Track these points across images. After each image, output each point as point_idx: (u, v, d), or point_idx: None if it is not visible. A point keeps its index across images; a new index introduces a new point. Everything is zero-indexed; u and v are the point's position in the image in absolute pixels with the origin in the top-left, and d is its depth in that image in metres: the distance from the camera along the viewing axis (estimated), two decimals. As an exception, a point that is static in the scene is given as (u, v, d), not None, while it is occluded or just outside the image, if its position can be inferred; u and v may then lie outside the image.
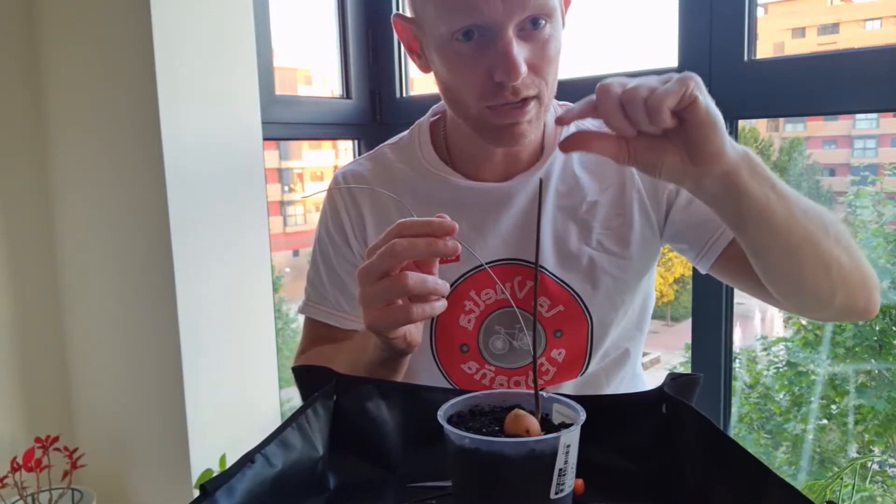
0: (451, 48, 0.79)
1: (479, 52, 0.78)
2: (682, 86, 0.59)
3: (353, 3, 1.88)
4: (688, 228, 0.91)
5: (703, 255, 0.91)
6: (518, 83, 0.77)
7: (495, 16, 0.75)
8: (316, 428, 0.68)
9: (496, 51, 0.77)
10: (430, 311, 0.70)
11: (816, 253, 0.72)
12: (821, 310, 0.82)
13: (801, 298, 0.79)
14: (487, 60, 0.78)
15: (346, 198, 0.99)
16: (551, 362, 0.94)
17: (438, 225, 0.68)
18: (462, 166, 0.95)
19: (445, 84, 0.84)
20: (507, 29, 0.76)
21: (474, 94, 0.81)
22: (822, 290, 0.76)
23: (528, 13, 0.76)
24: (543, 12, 0.77)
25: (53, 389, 1.69)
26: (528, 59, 0.78)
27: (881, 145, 2.27)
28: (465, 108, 0.84)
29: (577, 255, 0.92)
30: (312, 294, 1.01)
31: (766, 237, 0.69)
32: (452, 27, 0.78)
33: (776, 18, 2.16)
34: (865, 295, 0.81)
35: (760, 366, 2.51)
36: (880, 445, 2.18)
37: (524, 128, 0.82)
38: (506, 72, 0.76)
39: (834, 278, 0.75)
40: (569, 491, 0.57)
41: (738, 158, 0.64)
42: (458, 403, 0.63)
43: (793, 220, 0.69)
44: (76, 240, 1.62)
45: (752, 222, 0.68)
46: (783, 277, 0.76)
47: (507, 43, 0.76)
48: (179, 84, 1.42)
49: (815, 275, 0.74)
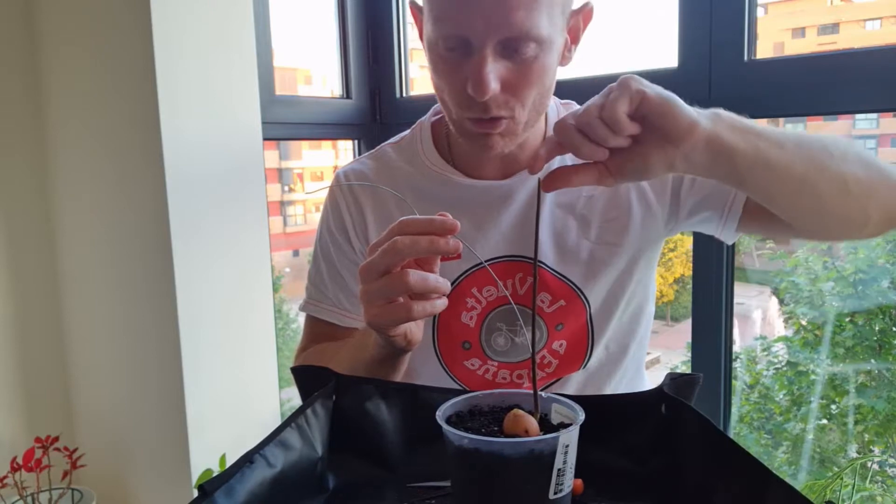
0: (437, 52, 0.81)
1: (458, 62, 0.79)
2: (625, 89, 0.61)
3: (353, 3, 1.88)
4: (703, 201, 0.91)
5: (726, 219, 0.90)
6: (487, 100, 0.78)
7: (475, 31, 0.76)
8: (315, 428, 0.68)
9: (471, 65, 0.77)
10: (430, 309, 0.71)
11: (826, 177, 0.72)
12: (861, 228, 0.81)
13: (834, 226, 0.79)
14: (464, 72, 0.78)
15: (348, 196, 0.99)
16: (553, 354, 0.95)
17: (440, 223, 0.68)
18: (463, 165, 0.95)
19: (434, 83, 0.86)
20: (485, 46, 0.76)
21: (454, 101, 0.82)
22: (849, 209, 0.76)
23: (510, 34, 0.76)
24: (528, 37, 0.76)
25: (53, 389, 1.69)
26: (505, 78, 0.78)
27: (881, 145, 2.27)
28: (448, 110, 0.85)
29: (576, 250, 0.93)
30: (313, 292, 1.01)
31: (769, 182, 0.70)
32: (438, 32, 0.79)
33: (776, 18, 2.16)
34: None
35: (760, 366, 2.51)
36: (880, 445, 2.18)
37: (495, 140, 0.83)
38: (474, 88, 0.77)
39: (856, 194, 0.75)
40: (568, 491, 0.57)
41: (712, 121, 0.66)
42: (457, 403, 0.63)
43: (788, 155, 0.69)
44: (76, 240, 1.62)
45: (751, 174, 0.69)
46: (806, 213, 0.76)
47: (480, 59, 0.76)
48: (179, 84, 1.42)
49: (834, 198, 0.74)
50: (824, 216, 0.76)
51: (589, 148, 0.63)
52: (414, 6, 0.88)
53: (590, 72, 1.55)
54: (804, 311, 2.38)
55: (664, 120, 0.63)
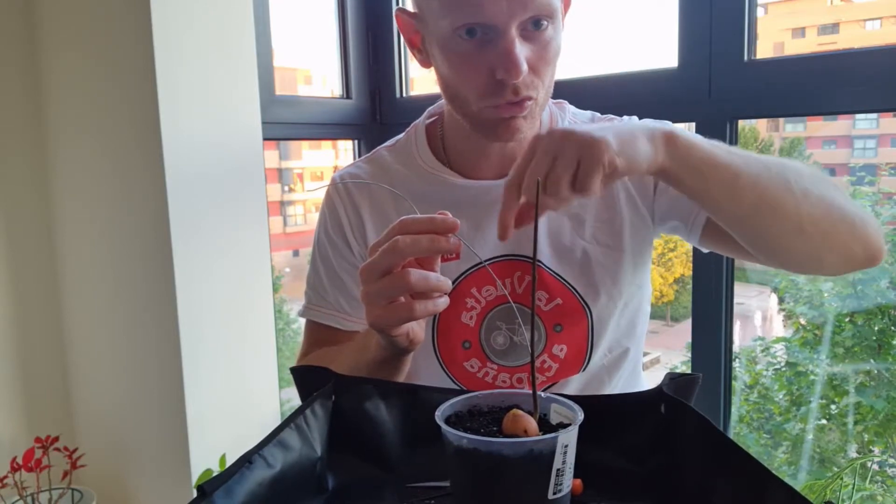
0: (454, 45, 0.80)
1: (481, 50, 0.79)
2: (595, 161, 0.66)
3: (353, 3, 1.88)
4: (673, 207, 0.92)
5: (690, 229, 0.91)
6: (519, 82, 0.78)
7: (499, 15, 0.76)
8: (314, 428, 0.68)
9: (498, 49, 0.77)
10: (432, 308, 0.71)
11: (780, 214, 0.74)
12: (815, 269, 0.83)
13: (789, 262, 0.81)
14: (489, 58, 0.78)
15: (345, 199, 0.99)
16: (553, 359, 0.94)
17: (441, 222, 0.68)
18: (459, 166, 0.96)
19: (446, 80, 0.85)
20: (510, 28, 0.77)
21: (475, 91, 0.82)
22: (802, 248, 0.77)
23: (531, 13, 0.77)
24: (546, 13, 0.78)
25: (53, 389, 1.69)
26: (528, 58, 0.79)
27: (881, 145, 2.27)
28: (464, 104, 0.85)
29: (571, 249, 0.93)
30: (313, 297, 1.01)
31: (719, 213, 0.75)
32: (455, 23, 0.78)
33: (776, 18, 2.16)
34: (861, 243, 0.79)
35: (760, 366, 2.51)
36: (880, 445, 2.18)
37: (520, 123, 0.83)
38: (507, 70, 0.77)
39: (811, 234, 0.75)
40: (567, 491, 0.57)
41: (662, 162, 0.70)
42: (457, 404, 0.63)
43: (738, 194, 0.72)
44: (76, 240, 1.62)
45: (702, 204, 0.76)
46: (756, 242, 0.78)
47: (509, 42, 0.77)
48: (179, 84, 1.42)
49: (786, 234, 0.75)
50: (776, 248, 0.78)
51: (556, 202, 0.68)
52: (403, 12, 0.88)
53: (590, 72, 1.55)
54: (803, 311, 2.38)
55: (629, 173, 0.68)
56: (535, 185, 0.63)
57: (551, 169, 0.65)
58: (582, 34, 0.94)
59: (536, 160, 0.67)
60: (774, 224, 0.74)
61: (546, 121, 0.96)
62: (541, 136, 0.68)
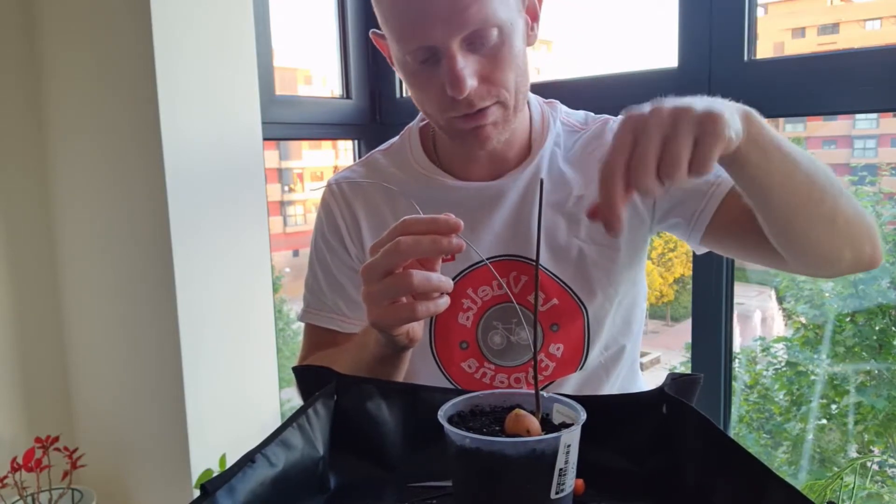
0: (408, 67, 0.84)
1: (431, 70, 0.82)
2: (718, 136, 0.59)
3: (353, 3, 1.88)
4: (675, 205, 0.92)
5: (692, 228, 0.91)
6: (469, 96, 0.80)
7: (438, 36, 0.78)
8: (316, 428, 0.68)
9: (443, 68, 0.80)
10: (434, 309, 0.71)
11: (821, 209, 0.74)
12: (831, 265, 0.83)
13: (810, 256, 0.80)
14: (439, 78, 0.81)
15: (341, 202, 0.99)
16: (550, 358, 0.95)
17: (444, 222, 0.69)
18: (452, 167, 0.97)
19: (414, 98, 0.88)
20: (450, 47, 0.79)
21: (436, 107, 0.84)
22: (830, 244, 0.78)
23: (470, 29, 0.78)
24: (488, 25, 0.79)
25: (53, 389, 1.69)
26: (479, 71, 0.81)
27: (881, 145, 2.27)
28: (434, 119, 0.88)
29: (566, 248, 0.93)
30: (311, 300, 1.01)
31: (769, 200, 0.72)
32: (404, 49, 0.82)
33: (776, 18, 2.16)
34: (871, 243, 0.82)
35: (760, 366, 2.51)
36: (880, 445, 2.18)
37: (489, 130, 0.85)
38: (452, 87, 0.79)
39: (840, 230, 0.77)
40: (569, 491, 0.57)
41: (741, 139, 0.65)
42: (459, 403, 0.63)
43: (793, 181, 0.71)
44: (76, 240, 1.62)
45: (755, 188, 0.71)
46: (792, 236, 0.77)
47: (450, 60, 0.79)
48: (179, 84, 1.42)
49: (820, 226, 0.75)
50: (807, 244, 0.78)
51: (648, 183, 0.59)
52: (376, 35, 0.91)
53: (590, 72, 1.55)
54: (804, 311, 2.38)
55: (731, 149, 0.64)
56: (540, 184, 0.63)
57: (665, 150, 0.58)
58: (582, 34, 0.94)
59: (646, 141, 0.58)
60: (814, 216, 0.74)
61: (538, 120, 0.97)
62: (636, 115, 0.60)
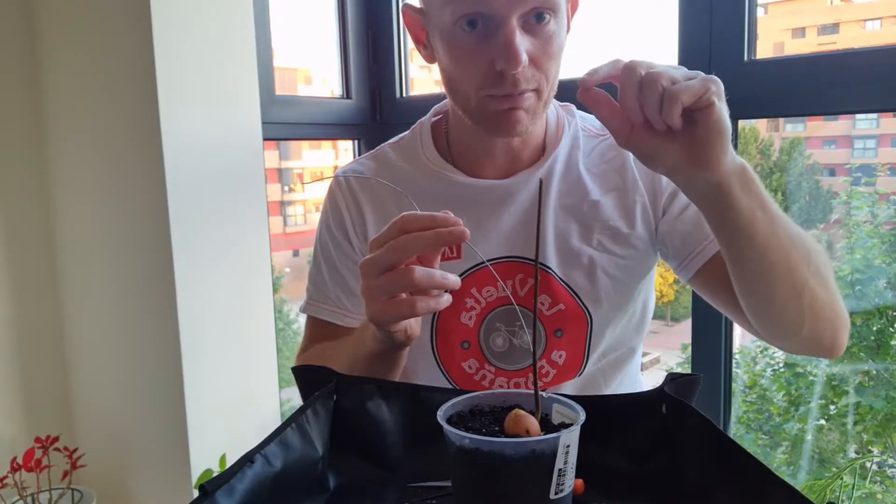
0: (455, 36, 0.81)
1: (481, 42, 0.79)
2: (704, 87, 0.61)
3: (353, 3, 1.88)
4: (674, 237, 0.92)
5: (684, 265, 0.91)
6: (518, 73, 0.78)
7: (499, 6, 0.76)
8: (316, 428, 0.68)
9: (498, 40, 0.78)
10: (434, 306, 0.70)
11: (791, 277, 0.73)
12: (787, 338, 0.83)
13: (769, 319, 0.80)
14: (490, 49, 0.79)
15: (347, 196, 0.99)
16: (551, 365, 0.94)
17: (443, 220, 0.68)
18: (464, 164, 0.95)
19: (447, 73, 0.86)
20: (510, 19, 0.77)
21: (475, 83, 0.82)
22: (790, 314, 0.77)
23: (533, 5, 0.77)
24: (547, 6, 0.78)
25: (53, 389, 1.69)
26: (529, 51, 0.79)
27: (881, 145, 2.26)
28: (464, 98, 0.85)
29: (577, 254, 0.92)
30: (314, 293, 1.01)
31: (743, 250, 0.71)
32: (457, 14, 0.79)
33: (776, 18, 2.15)
34: (832, 332, 0.81)
35: (758, 367, 2.51)
36: (879, 446, 2.19)
37: (521, 115, 0.83)
38: (507, 60, 0.77)
39: (804, 305, 0.76)
40: (569, 491, 0.57)
41: (735, 171, 0.66)
42: (458, 403, 0.63)
43: (774, 240, 0.70)
44: (76, 240, 1.62)
45: (733, 232, 0.70)
46: (754, 292, 0.77)
47: (509, 32, 0.77)
48: (179, 84, 1.42)
49: (785, 297, 0.75)
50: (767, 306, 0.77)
51: (632, 103, 0.63)
52: (409, 8, 0.89)
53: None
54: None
55: (705, 136, 0.63)
56: (539, 184, 0.63)
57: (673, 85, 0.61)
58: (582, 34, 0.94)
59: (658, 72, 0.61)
60: (784, 280, 0.73)
61: (553, 121, 0.96)
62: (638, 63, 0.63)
